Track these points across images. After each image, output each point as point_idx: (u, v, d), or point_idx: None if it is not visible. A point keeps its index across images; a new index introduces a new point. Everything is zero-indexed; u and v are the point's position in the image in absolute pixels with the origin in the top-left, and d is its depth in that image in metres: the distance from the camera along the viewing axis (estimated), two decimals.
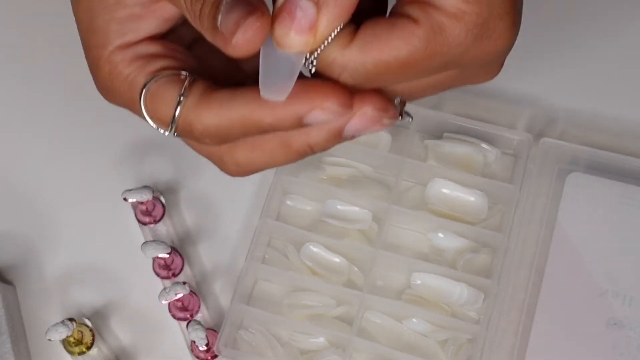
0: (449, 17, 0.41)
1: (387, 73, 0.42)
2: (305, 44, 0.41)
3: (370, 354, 0.66)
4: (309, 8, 0.40)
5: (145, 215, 0.70)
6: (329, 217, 0.70)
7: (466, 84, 0.47)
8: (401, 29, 0.42)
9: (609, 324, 0.66)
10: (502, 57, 0.45)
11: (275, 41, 0.41)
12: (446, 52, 0.42)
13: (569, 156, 0.71)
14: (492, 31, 0.42)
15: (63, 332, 0.62)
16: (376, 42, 0.42)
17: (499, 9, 0.42)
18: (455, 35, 0.41)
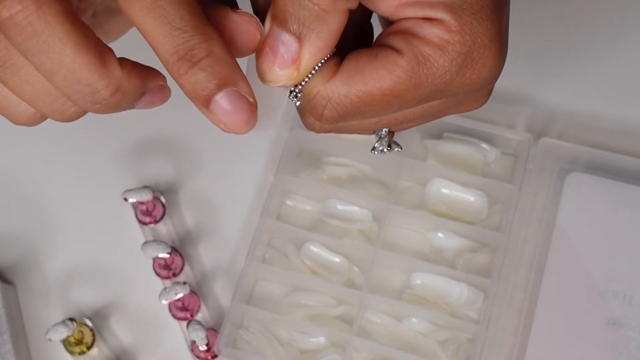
0: (433, 47, 0.41)
1: (372, 104, 0.42)
2: (288, 78, 0.42)
3: (370, 354, 0.66)
4: (292, 42, 0.41)
5: (146, 215, 0.70)
6: (329, 217, 0.70)
7: (454, 113, 0.47)
8: (384, 59, 0.41)
9: (608, 324, 0.66)
10: (489, 85, 0.45)
11: (260, 76, 0.42)
12: (431, 82, 0.42)
13: (569, 156, 0.71)
14: (476, 60, 0.42)
15: (63, 332, 0.62)
16: (359, 73, 0.42)
17: (482, 37, 0.42)
18: (439, 65, 0.41)
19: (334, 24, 0.41)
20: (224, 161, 0.74)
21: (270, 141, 0.74)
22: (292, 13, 0.40)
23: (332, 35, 0.41)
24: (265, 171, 0.73)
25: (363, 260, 0.68)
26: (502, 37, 0.43)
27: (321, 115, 0.43)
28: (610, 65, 0.76)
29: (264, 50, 0.41)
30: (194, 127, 0.75)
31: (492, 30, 0.42)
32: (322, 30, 0.41)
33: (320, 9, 0.40)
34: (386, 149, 0.47)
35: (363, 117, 0.43)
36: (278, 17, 0.41)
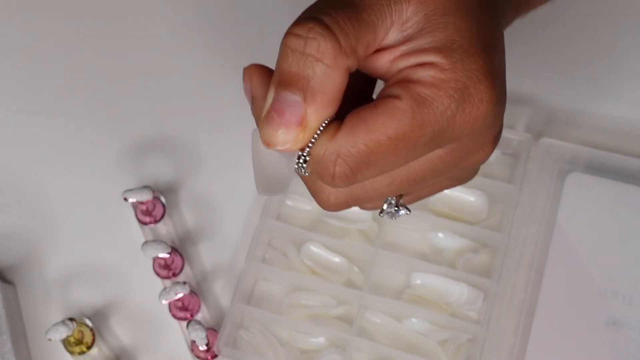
0: (428, 87, 0.42)
1: (381, 151, 0.43)
2: (294, 140, 0.42)
3: (370, 354, 0.66)
4: (298, 102, 0.42)
5: (146, 215, 0.70)
6: (329, 217, 0.70)
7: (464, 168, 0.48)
8: (384, 106, 0.42)
9: (608, 324, 0.66)
10: (492, 128, 0.45)
11: (265, 141, 0.42)
12: (433, 121, 0.42)
13: (569, 156, 0.71)
14: (473, 95, 0.43)
15: (63, 332, 0.62)
16: (362, 123, 0.42)
17: (476, 73, 0.43)
18: (438, 103, 0.42)
19: (337, 81, 0.42)
20: (224, 161, 0.74)
21: None
22: (297, 72, 0.42)
23: (336, 92, 0.42)
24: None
25: (363, 260, 0.69)
26: (495, 74, 0.44)
27: (333, 173, 0.43)
28: (610, 66, 0.76)
29: (269, 115, 0.42)
30: (194, 127, 0.75)
31: (484, 66, 0.43)
32: (326, 87, 0.42)
33: (324, 64, 0.42)
34: (394, 211, 0.48)
35: (375, 169, 0.44)
36: (283, 81, 0.42)
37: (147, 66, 0.77)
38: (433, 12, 0.43)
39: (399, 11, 0.43)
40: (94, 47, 0.78)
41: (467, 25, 0.43)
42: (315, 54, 0.42)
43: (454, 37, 0.43)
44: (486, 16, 0.45)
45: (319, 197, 0.47)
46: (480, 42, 0.43)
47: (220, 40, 0.77)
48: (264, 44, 0.77)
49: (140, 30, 0.79)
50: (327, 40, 0.42)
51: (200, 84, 0.77)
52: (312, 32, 0.42)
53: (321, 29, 0.42)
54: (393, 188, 0.46)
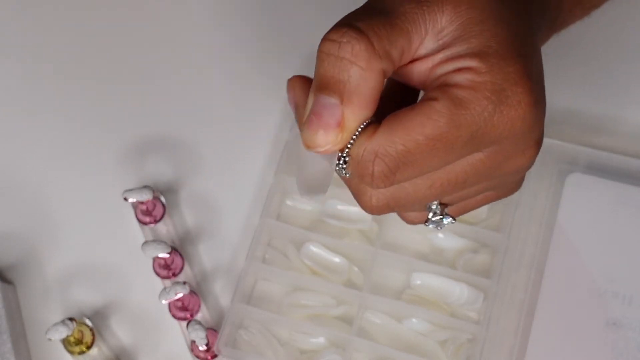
0: (466, 90, 0.43)
1: (419, 151, 0.44)
2: (334, 142, 0.44)
3: (370, 354, 0.66)
4: (335, 105, 0.43)
5: (146, 215, 0.70)
6: (329, 217, 0.70)
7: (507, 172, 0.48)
8: (422, 108, 0.44)
9: (608, 324, 0.66)
10: (532, 131, 0.46)
11: (305, 144, 0.44)
12: (470, 121, 0.43)
13: (569, 156, 0.71)
14: (511, 97, 0.44)
15: (63, 332, 0.62)
16: (400, 124, 0.44)
17: (513, 75, 0.44)
18: (475, 104, 0.43)
19: (372, 83, 0.43)
20: (224, 161, 0.74)
21: (270, 141, 0.74)
22: (333, 76, 0.43)
23: (372, 95, 0.44)
24: (265, 171, 0.73)
25: (363, 260, 0.69)
26: (532, 77, 0.44)
27: (372, 173, 0.44)
28: (610, 66, 0.76)
29: (309, 118, 0.44)
30: (194, 127, 0.75)
31: (521, 69, 0.44)
32: (361, 88, 0.43)
33: (358, 66, 0.43)
34: (439, 219, 0.49)
35: (414, 169, 0.45)
36: (320, 85, 0.44)
37: (148, 66, 0.77)
38: (468, 20, 0.44)
39: (433, 20, 0.44)
40: (94, 47, 0.78)
41: (503, 32, 0.44)
42: (349, 57, 0.43)
43: (490, 43, 0.44)
44: (521, 27, 0.46)
45: (361, 199, 0.48)
46: (516, 48, 0.44)
47: (220, 40, 0.78)
48: (265, 44, 0.78)
49: (140, 30, 0.79)
50: (361, 43, 0.43)
51: (200, 84, 0.77)
52: (346, 36, 0.43)
53: (354, 32, 0.43)
54: (434, 191, 0.47)
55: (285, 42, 0.77)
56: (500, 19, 0.45)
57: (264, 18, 0.78)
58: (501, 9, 0.45)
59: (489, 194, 0.51)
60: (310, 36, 0.77)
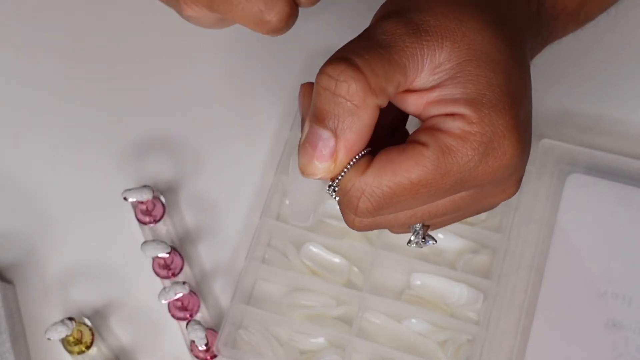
0: (455, 138, 0.45)
1: (403, 194, 0.45)
2: (326, 171, 0.45)
3: (370, 354, 0.66)
4: (329, 138, 0.45)
5: (145, 215, 0.70)
6: (329, 217, 0.70)
7: (485, 205, 0.50)
8: (412, 152, 0.45)
9: (608, 325, 0.66)
10: (514, 174, 0.48)
11: (300, 170, 0.46)
12: (456, 171, 0.45)
13: (569, 157, 0.71)
14: (497, 149, 0.45)
15: (63, 332, 0.62)
16: (390, 165, 0.45)
17: (501, 128, 0.45)
18: (462, 155, 0.45)
19: (366, 119, 0.45)
20: (224, 161, 0.74)
21: (270, 141, 0.74)
22: (329, 111, 0.44)
23: (365, 130, 0.45)
24: (265, 171, 0.73)
25: (363, 260, 0.68)
26: (520, 128, 0.46)
27: (356, 207, 0.46)
28: (610, 67, 0.76)
29: (304, 146, 0.45)
30: (194, 127, 0.75)
31: (510, 122, 0.45)
32: (355, 125, 0.44)
33: (353, 104, 0.44)
34: (421, 241, 0.50)
35: (396, 208, 0.47)
36: (316, 117, 0.45)
37: (148, 66, 0.77)
38: (467, 62, 0.45)
39: (432, 55, 0.45)
40: (94, 46, 0.78)
41: (498, 80, 0.45)
42: (345, 95, 0.44)
43: (484, 91, 0.45)
44: (517, 71, 0.47)
45: (346, 219, 0.50)
46: (509, 97, 0.46)
47: (220, 40, 0.77)
48: (265, 44, 0.77)
49: (140, 30, 0.79)
50: (357, 83, 0.44)
51: (200, 84, 0.77)
52: (343, 75, 0.44)
53: (352, 71, 0.44)
54: (414, 220, 0.49)
55: (286, 42, 0.77)
56: (497, 64, 0.46)
57: None
58: (499, 51, 0.46)
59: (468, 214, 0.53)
60: (311, 36, 0.77)
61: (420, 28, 0.45)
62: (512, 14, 0.49)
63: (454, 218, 0.51)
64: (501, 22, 0.47)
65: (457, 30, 0.45)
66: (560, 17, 0.55)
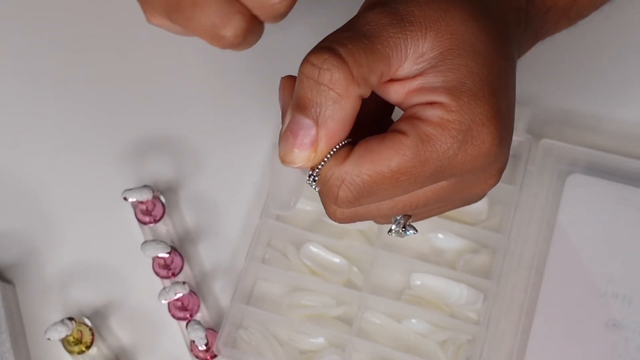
0: (434, 126, 0.45)
1: (383, 183, 0.45)
2: (306, 160, 0.45)
3: (370, 354, 0.66)
4: (310, 126, 0.45)
5: (145, 215, 0.70)
6: None
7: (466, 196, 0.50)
8: (391, 141, 0.45)
9: (608, 325, 0.66)
10: (494, 164, 0.48)
11: (281, 158, 0.46)
12: (435, 159, 0.45)
13: (569, 157, 0.71)
14: (475, 137, 0.45)
15: (62, 332, 0.62)
16: (369, 154, 0.45)
17: (480, 117, 0.45)
18: (441, 142, 0.45)
19: (348, 109, 0.45)
20: (224, 161, 0.74)
21: (270, 141, 0.74)
22: (311, 99, 0.44)
23: (346, 120, 0.45)
24: (265, 171, 0.73)
25: (363, 260, 0.68)
26: (500, 117, 0.46)
27: (337, 196, 0.46)
28: (610, 67, 0.76)
29: (285, 135, 0.45)
30: (194, 127, 0.75)
31: (490, 110, 0.45)
32: (336, 114, 0.45)
33: (335, 93, 0.44)
34: (402, 230, 0.51)
35: (377, 197, 0.46)
36: (299, 105, 0.45)
37: (148, 66, 0.77)
38: (449, 51, 0.45)
39: (415, 45, 0.45)
40: (94, 46, 0.78)
41: (478, 69, 0.45)
42: (327, 84, 0.44)
43: (464, 80, 0.45)
44: (499, 62, 0.47)
45: (327, 210, 0.50)
46: (489, 86, 0.46)
47: None
48: (266, 44, 0.77)
49: (141, 30, 0.79)
50: (340, 72, 0.44)
51: (200, 84, 0.76)
52: (326, 63, 0.44)
53: (335, 60, 0.44)
54: (396, 211, 0.49)
55: (287, 42, 0.77)
56: (479, 54, 0.46)
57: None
58: (482, 42, 0.46)
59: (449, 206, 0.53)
60: (313, 37, 0.77)
61: (405, 18, 0.45)
62: (498, 6, 0.49)
63: (436, 209, 0.51)
64: (486, 14, 0.47)
65: (441, 20, 0.46)
66: (550, 12, 0.55)
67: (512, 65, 0.49)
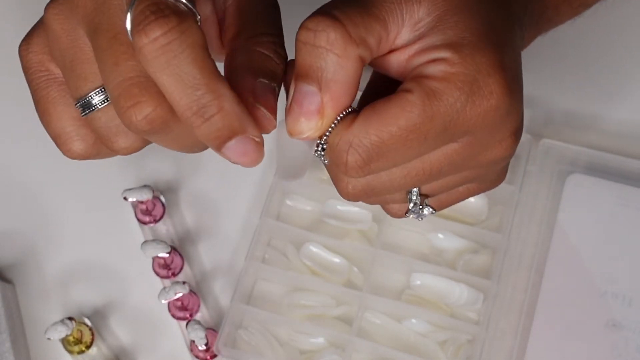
0: (439, 81, 0.44)
1: (392, 142, 0.44)
2: (314, 128, 0.45)
3: (370, 354, 0.66)
4: (314, 93, 0.44)
5: (145, 215, 0.70)
6: (329, 217, 0.70)
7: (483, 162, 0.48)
8: (397, 99, 0.44)
9: (608, 325, 0.66)
10: (507, 121, 0.46)
11: (288, 130, 0.45)
12: (444, 113, 0.44)
13: (569, 157, 0.71)
14: (482, 88, 0.44)
15: (62, 331, 0.62)
16: (375, 115, 0.44)
17: (485, 66, 0.44)
18: (448, 95, 0.44)
19: (350, 69, 0.44)
20: (224, 161, 0.73)
21: (271, 141, 0.73)
22: (311, 64, 0.44)
23: (350, 82, 0.44)
24: (265, 171, 0.73)
25: (363, 260, 0.68)
26: (505, 67, 0.45)
27: (346, 162, 0.45)
28: (610, 67, 0.76)
29: (290, 107, 0.44)
30: None
31: (493, 59, 0.44)
32: (339, 76, 0.44)
33: (334, 54, 0.43)
34: (419, 209, 0.50)
35: (387, 161, 0.45)
36: (299, 74, 0.44)
37: None
38: (445, 12, 0.45)
39: (411, 11, 0.45)
40: None
41: (478, 24, 0.45)
42: (325, 45, 0.43)
43: (464, 34, 0.44)
44: (498, 17, 0.46)
45: (338, 185, 0.48)
46: (490, 39, 0.45)
47: None
48: None
49: None
50: (336, 31, 0.43)
51: None
52: (321, 25, 0.43)
53: (330, 20, 0.43)
54: (409, 180, 0.47)
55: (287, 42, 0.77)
56: (476, 11, 0.45)
57: None
58: (479, 1, 0.46)
59: (471, 186, 0.51)
60: None
61: None
62: None
63: (453, 185, 0.49)
64: None
65: None
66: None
67: (513, 29, 0.48)
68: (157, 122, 0.44)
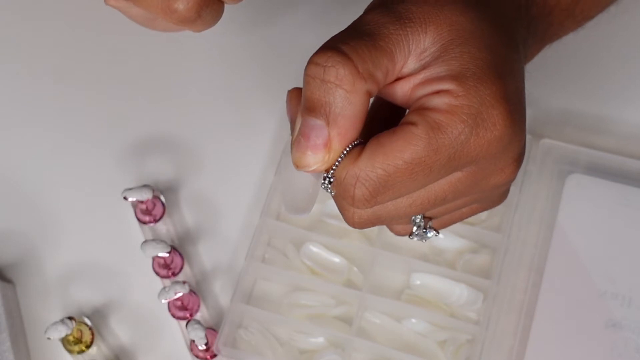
0: (443, 114, 0.44)
1: (398, 175, 0.45)
2: (321, 162, 0.45)
3: (370, 354, 0.66)
4: (322, 127, 0.44)
5: (145, 214, 0.70)
6: (329, 217, 0.70)
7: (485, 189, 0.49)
8: (402, 132, 0.45)
9: (607, 325, 0.66)
10: (509, 149, 0.47)
11: (294, 163, 0.45)
12: (448, 145, 0.44)
13: (569, 157, 0.71)
14: (486, 120, 0.45)
15: (62, 331, 0.62)
16: (381, 148, 0.45)
17: (489, 98, 0.45)
18: (452, 128, 0.44)
19: (357, 105, 0.44)
20: (224, 161, 0.74)
21: (270, 141, 0.74)
22: (319, 98, 0.44)
23: (357, 117, 0.45)
24: (265, 171, 0.73)
25: (363, 260, 0.68)
26: (509, 99, 0.45)
27: (353, 195, 0.45)
28: (610, 67, 0.76)
29: (297, 140, 0.45)
30: (194, 127, 0.75)
31: (497, 92, 0.45)
32: (346, 111, 0.44)
33: (343, 89, 0.44)
34: (422, 232, 0.51)
35: (393, 193, 0.46)
36: (307, 107, 0.45)
37: (148, 65, 0.77)
38: (450, 42, 0.45)
39: (417, 41, 0.46)
40: (94, 46, 0.78)
41: (482, 54, 0.45)
42: (334, 81, 0.44)
43: (468, 65, 0.45)
44: (502, 48, 0.47)
45: (345, 215, 0.49)
46: (494, 69, 0.45)
47: (221, 40, 0.77)
48: (266, 44, 0.78)
49: (141, 30, 0.79)
50: (345, 67, 0.44)
51: (200, 84, 0.77)
52: (330, 60, 0.44)
53: (339, 56, 0.44)
54: (414, 209, 0.48)
55: (287, 42, 0.77)
56: (480, 40, 0.46)
57: (266, 16, 0.78)
58: (483, 29, 0.46)
59: (474, 206, 0.52)
60: (312, 38, 0.77)
61: (403, 15, 0.46)
62: (497, 1, 0.49)
63: (456, 208, 0.50)
64: (485, 5, 0.47)
65: (440, 14, 0.46)
66: (554, 13, 0.55)
67: (517, 54, 0.48)
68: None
